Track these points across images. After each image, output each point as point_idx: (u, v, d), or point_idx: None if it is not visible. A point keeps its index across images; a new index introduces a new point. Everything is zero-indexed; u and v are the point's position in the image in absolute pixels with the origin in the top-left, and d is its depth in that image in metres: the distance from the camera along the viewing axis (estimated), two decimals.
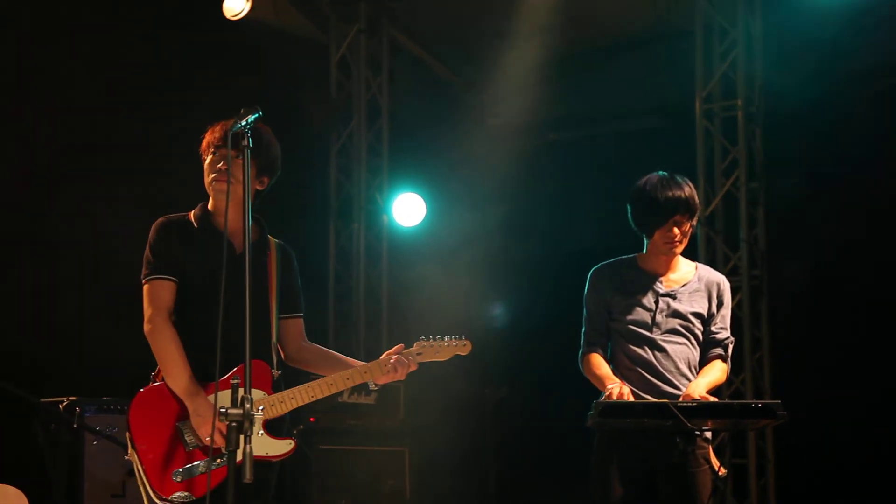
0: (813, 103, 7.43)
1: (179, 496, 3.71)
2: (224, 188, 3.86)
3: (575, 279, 4.84)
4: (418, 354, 4.03)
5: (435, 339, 4.07)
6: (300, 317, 4.14)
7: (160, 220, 3.98)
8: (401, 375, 4.00)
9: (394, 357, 3.98)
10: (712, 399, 4.26)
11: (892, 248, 7.21)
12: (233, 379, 3.35)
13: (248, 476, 3.25)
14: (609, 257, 4.68)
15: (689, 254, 4.68)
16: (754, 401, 4.22)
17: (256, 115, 3.58)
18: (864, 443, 7.17)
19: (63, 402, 5.40)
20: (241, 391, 3.32)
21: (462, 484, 8.13)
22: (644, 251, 4.56)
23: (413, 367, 4.01)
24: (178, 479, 3.72)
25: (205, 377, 3.80)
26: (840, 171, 7.43)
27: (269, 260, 3.99)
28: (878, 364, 7.20)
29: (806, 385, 7.19)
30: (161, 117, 6.71)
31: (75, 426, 5.10)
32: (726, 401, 4.35)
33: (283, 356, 4.10)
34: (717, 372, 4.45)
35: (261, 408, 3.76)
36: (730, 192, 7.74)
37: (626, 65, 8.19)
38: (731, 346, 4.54)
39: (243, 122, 3.55)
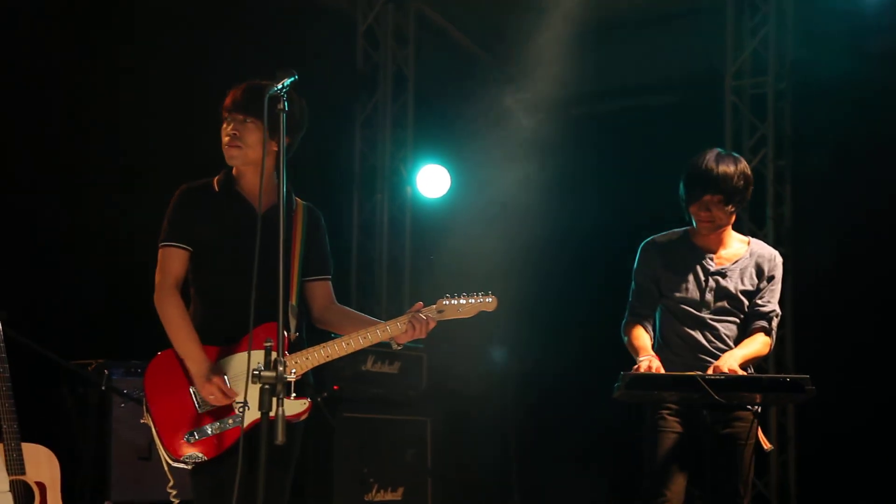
0: (842, 81, 7.38)
1: (191, 457, 3.73)
2: (235, 154, 3.86)
3: (601, 252, 4.82)
4: (439, 312, 3.89)
5: (458, 296, 3.92)
6: (327, 279, 4.09)
7: (182, 186, 3.98)
8: (420, 333, 3.86)
9: (410, 315, 3.88)
10: (741, 372, 4.24)
11: None
12: (266, 341, 3.34)
13: (280, 438, 3.24)
14: (636, 232, 4.64)
15: None
16: (783, 375, 4.16)
17: (293, 78, 3.55)
18: (886, 421, 7.15)
19: (91, 364, 5.43)
20: (274, 353, 3.34)
21: (484, 454, 8.17)
22: (694, 224, 4.48)
23: (432, 325, 3.87)
24: (191, 441, 3.74)
25: (223, 341, 3.81)
26: (868, 149, 7.40)
27: (294, 221, 3.95)
28: None
29: (829, 362, 7.17)
30: (186, 85, 6.69)
31: (103, 389, 5.12)
32: (755, 374, 4.34)
33: (311, 318, 4.08)
34: (757, 344, 4.40)
35: (293, 371, 3.76)
36: (757, 168, 7.70)
37: (655, 39, 8.15)
38: (775, 321, 4.49)
39: (279, 86, 3.52)
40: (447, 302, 3.92)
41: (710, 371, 4.24)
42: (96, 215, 6.24)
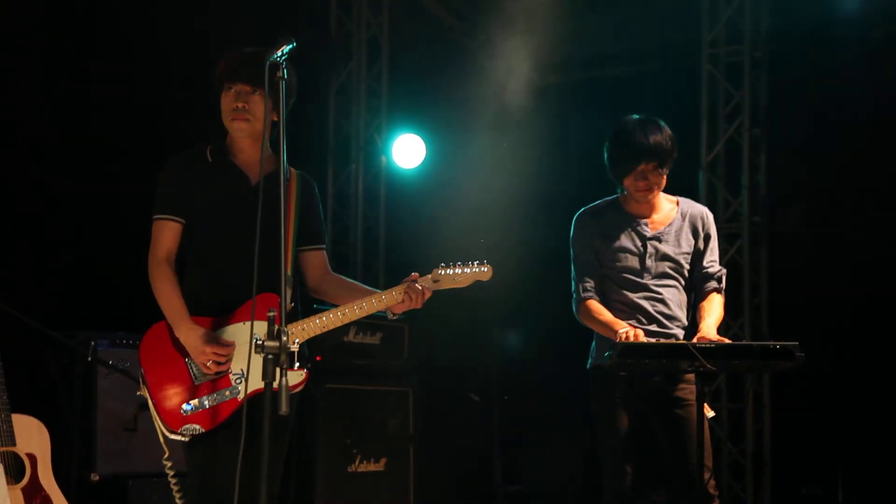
0: (818, 50, 7.42)
1: (188, 429, 3.70)
2: (243, 126, 3.83)
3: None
4: (435, 282, 3.89)
5: (454, 266, 3.92)
6: (321, 248, 4.09)
7: (173, 157, 3.94)
8: (416, 303, 3.85)
9: (405, 285, 3.87)
10: (727, 341, 4.27)
11: (895, 195, 7.25)
12: (269, 311, 3.32)
13: (283, 408, 3.23)
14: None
15: (690, 198, 4.67)
16: (774, 342, 4.21)
17: (291, 45, 3.53)
18: (861, 387, 7.25)
19: (77, 335, 5.38)
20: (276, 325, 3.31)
21: (466, 423, 8.18)
22: (625, 192, 4.53)
23: (428, 295, 3.87)
24: (188, 413, 3.71)
25: (218, 312, 3.79)
26: (844, 117, 7.44)
27: (289, 191, 3.92)
28: (876, 312, 7.26)
29: (804, 331, 7.21)
30: (160, 52, 6.61)
31: (89, 360, 5.09)
32: (746, 342, 4.37)
33: (306, 288, 4.07)
34: (718, 307, 4.49)
35: (297, 340, 3.74)
36: (732, 137, 7.75)
37: (630, 7, 8.13)
38: (724, 278, 4.55)
39: (279, 54, 3.50)
40: (442, 272, 3.91)
41: (697, 340, 4.27)
42: (83, 184, 6.17)
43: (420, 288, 3.86)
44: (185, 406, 3.72)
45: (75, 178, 6.15)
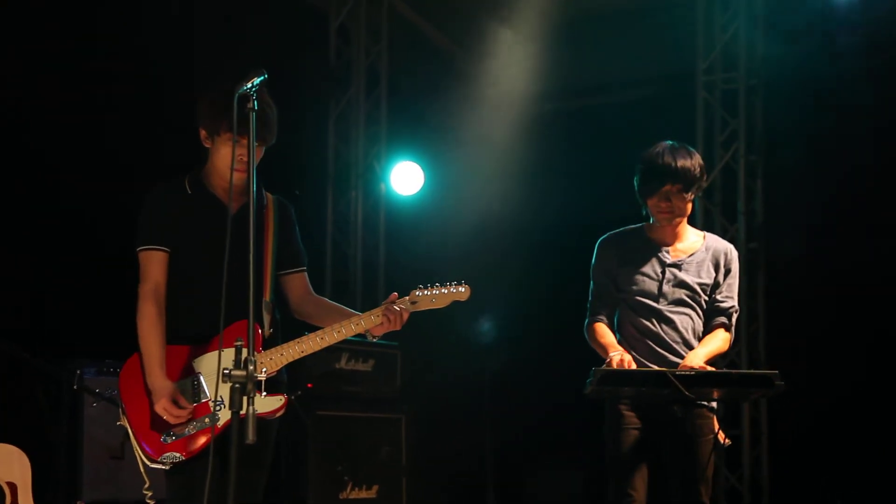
0: (813, 77, 7.43)
1: (169, 457, 3.72)
2: (244, 176, 3.75)
3: (573, 249, 4.84)
4: (413, 303, 3.90)
5: (431, 287, 3.93)
6: (302, 271, 4.10)
7: (154, 187, 3.96)
8: (395, 325, 3.87)
9: (383, 307, 3.88)
10: (710, 368, 4.27)
11: (891, 223, 7.22)
12: (236, 341, 3.33)
13: (250, 437, 3.24)
14: (607, 227, 4.65)
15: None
16: (752, 370, 4.20)
17: (262, 77, 3.53)
18: (859, 413, 7.21)
19: (63, 363, 5.40)
20: (244, 352, 3.33)
21: (458, 451, 8.17)
22: (651, 220, 4.52)
23: (406, 316, 3.87)
24: (168, 441, 3.73)
25: (197, 340, 3.82)
26: (838, 143, 7.44)
27: (265, 217, 3.95)
28: (875, 340, 7.23)
29: (801, 356, 7.23)
30: (158, 83, 6.67)
31: (75, 388, 5.11)
32: (724, 370, 4.35)
33: (289, 310, 4.08)
34: (718, 341, 4.45)
35: (264, 369, 3.75)
36: (728, 164, 7.75)
37: (626, 34, 8.15)
38: (735, 316, 4.52)
39: (249, 85, 3.51)
40: (420, 293, 3.92)
41: (679, 368, 4.25)
42: (67, 212, 6.21)
43: (398, 310, 3.87)
44: (164, 435, 3.74)
45: (66, 202, 6.19)
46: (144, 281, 3.87)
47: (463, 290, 3.95)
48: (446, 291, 3.93)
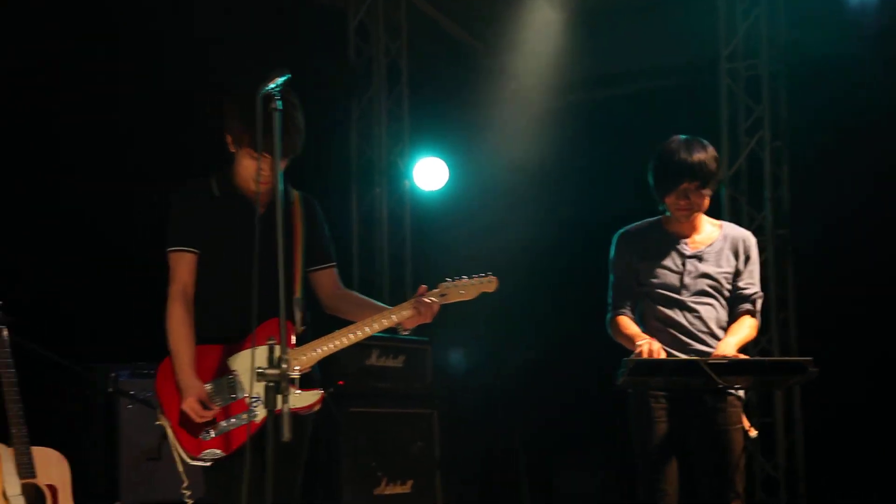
0: (837, 61, 7.38)
1: (209, 454, 3.78)
2: (265, 189, 3.83)
3: (601, 241, 4.84)
4: (442, 296, 3.94)
5: (459, 279, 3.98)
6: (331, 266, 4.13)
7: (182, 188, 4.00)
8: (426, 318, 3.91)
9: (413, 300, 3.92)
10: (743, 357, 4.26)
11: None
12: (269, 339, 3.36)
13: (286, 435, 3.27)
14: (633, 219, 4.65)
15: (713, 213, 4.64)
16: (784, 358, 4.19)
17: (285, 77, 3.55)
18: (892, 400, 7.17)
19: (97, 366, 5.45)
20: (277, 350, 3.35)
21: (491, 444, 8.19)
22: (667, 213, 4.53)
23: (436, 308, 3.91)
24: (207, 438, 3.78)
25: (229, 339, 3.87)
26: (864, 127, 7.38)
27: (293, 214, 3.98)
28: None
29: (832, 343, 7.18)
30: (175, 80, 6.70)
31: (110, 391, 5.16)
32: (757, 358, 4.35)
33: (320, 305, 4.12)
34: (746, 329, 4.44)
35: (297, 367, 3.77)
36: (754, 151, 7.71)
37: (647, 24, 8.14)
38: (759, 302, 4.51)
39: (273, 85, 3.52)
40: (448, 285, 3.97)
41: (712, 357, 4.24)
42: (101, 216, 6.26)
43: (429, 302, 3.90)
44: (203, 432, 3.79)
45: (94, 207, 6.24)
46: (173, 282, 3.92)
47: (491, 281, 4.00)
48: (475, 283, 3.98)
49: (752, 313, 4.48)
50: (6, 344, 4.41)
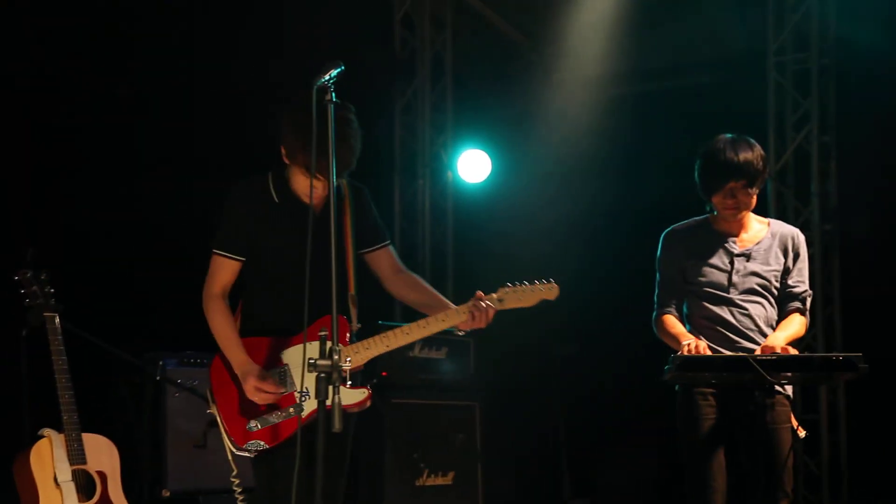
0: (887, 55, 7.29)
1: (253, 444, 3.80)
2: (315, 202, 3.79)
3: (644, 235, 4.82)
4: (499, 301, 3.89)
5: (519, 284, 3.93)
6: (385, 245, 4.11)
7: (238, 187, 3.97)
8: (480, 322, 3.87)
9: (471, 304, 3.87)
10: (793, 351, 4.22)
11: None
12: (321, 331, 3.37)
13: (336, 426, 3.26)
14: (679, 213, 4.63)
15: (760, 208, 4.59)
16: (835, 353, 4.15)
17: (339, 69, 3.53)
18: None
19: (145, 355, 5.50)
20: (328, 343, 3.35)
21: (532, 437, 8.18)
22: (714, 212, 4.50)
23: (492, 313, 3.87)
24: (254, 429, 3.80)
25: (282, 333, 3.88)
26: None
27: (344, 209, 3.96)
28: None
29: (879, 339, 7.10)
30: (226, 70, 6.73)
31: (158, 379, 5.19)
32: (806, 354, 4.33)
33: (384, 286, 4.13)
34: (796, 325, 4.41)
35: (348, 358, 3.77)
36: (801, 145, 7.65)
37: (695, 17, 8.07)
38: (809, 300, 4.48)
39: (327, 77, 3.51)
40: (507, 290, 3.92)
41: (758, 352, 4.22)
42: (151, 206, 6.30)
43: (485, 306, 3.87)
44: (250, 423, 3.81)
45: (144, 199, 6.29)
46: (212, 283, 3.94)
47: (552, 288, 3.95)
48: (535, 289, 3.93)
49: (801, 311, 4.45)
50: (58, 332, 4.46)
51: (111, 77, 6.32)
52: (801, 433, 4.36)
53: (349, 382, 3.68)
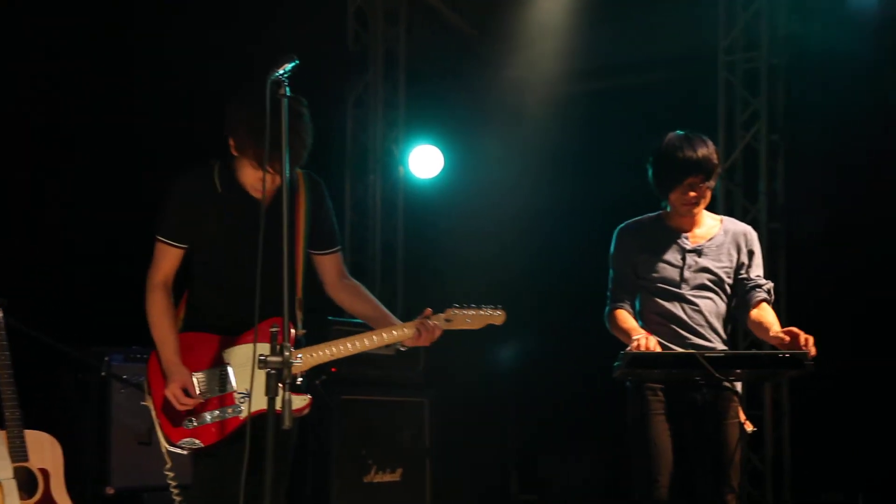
0: (836, 55, 7.36)
1: (187, 442, 3.77)
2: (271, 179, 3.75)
3: (597, 232, 4.84)
4: (447, 321, 3.96)
5: (468, 308, 3.99)
6: (336, 251, 4.09)
7: (181, 178, 3.91)
8: (425, 341, 3.93)
9: (418, 321, 3.92)
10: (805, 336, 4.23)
11: None
12: (272, 327, 3.34)
13: (287, 422, 3.24)
14: (629, 211, 4.66)
15: (708, 206, 4.61)
16: (781, 351, 4.21)
17: (294, 63, 3.49)
18: (881, 395, 7.18)
19: (90, 350, 5.41)
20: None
21: (482, 434, 8.17)
22: (668, 209, 4.54)
23: (438, 333, 3.94)
24: (189, 427, 3.77)
25: (227, 331, 3.84)
26: (862, 122, 7.36)
27: (297, 200, 3.92)
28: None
29: (823, 338, 7.16)
30: (172, 68, 6.65)
31: (103, 375, 5.12)
32: (753, 351, 4.38)
33: (324, 291, 4.11)
34: (773, 316, 4.46)
35: (299, 356, 3.75)
36: (750, 144, 7.70)
37: (646, 15, 8.10)
38: (772, 290, 4.54)
39: (281, 71, 3.46)
40: (455, 312, 3.98)
41: (784, 338, 4.23)
42: (95, 201, 6.21)
43: (433, 325, 3.92)
44: (185, 421, 3.78)
45: (87, 190, 6.19)
46: (155, 271, 3.88)
47: (499, 313, 4.03)
48: (483, 314, 4.01)
49: (769, 302, 4.51)
50: (1, 326, 4.37)
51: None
52: (749, 428, 4.39)
53: (300, 380, 3.69)
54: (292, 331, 3.82)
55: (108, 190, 6.25)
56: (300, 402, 3.78)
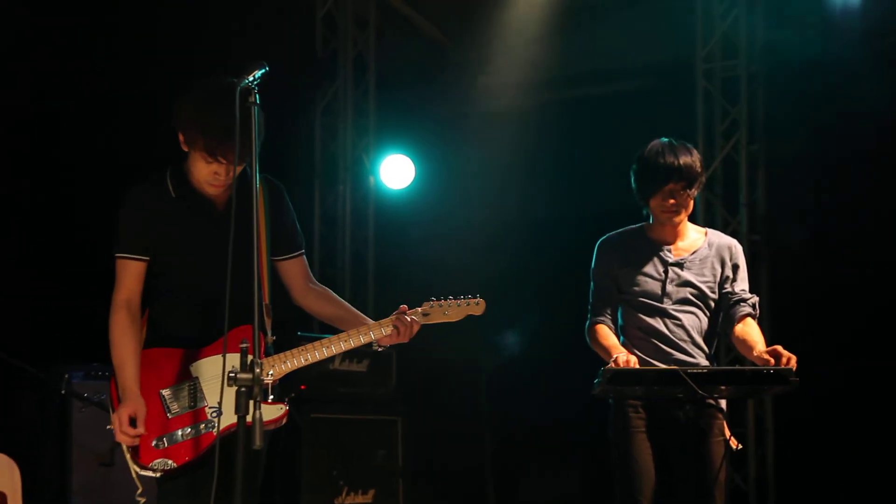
0: (816, 63, 7.32)
1: (159, 464, 3.59)
2: (219, 191, 3.69)
3: (570, 242, 4.77)
4: (424, 315, 3.85)
5: (444, 299, 3.89)
6: (299, 255, 3.97)
7: (134, 189, 3.77)
8: (404, 337, 3.81)
9: (394, 318, 3.80)
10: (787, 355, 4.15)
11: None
12: (241, 343, 3.18)
13: (257, 442, 3.10)
14: (604, 220, 4.64)
15: (689, 218, 4.56)
16: (765, 367, 4.12)
17: (263, 69, 3.38)
18: (866, 411, 7.10)
19: (50, 367, 5.26)
20: (250, 356, 3.17)
21: (456, 453, 8.05)
22: (651, 220, 4.49)
23: (416, 328, 3.82)
24: (160, 447, 3.60)
25: (191, 344, 3.70)
26: (842, 132, 7.31)
27: (256, 205, 3.71)
28: (881, 331, 7.11)
29: (806, 352, 7.06)
30: (139, 73, 6.51)
31: (63, 393, 4.98)
32: (737, 367, 4.33)
33: (291, 298, 3.99)
34: (759, 333, 4.38)
35: (270, 372, 3.63)
36: (729, 154, 7.62)
37: (623, 23, 8.03)
38: (757, 306, 4.47)
39: (251, 78, 3.35)
40: (432, 305, 3.88)
41: (769, 360, 4.15)
42: (56, 215, 6.07)
43: (409, 321, 3.81)
44: (155, 441, 3.60)
45: (48, 204, 6.06)
46: (118, 290, 3.72)
47: (478, 303, 3.92)
48: (460, 305, 3.90)
49: (754, 317, 4.46)
50: None
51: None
52: (735, 445, 4.33)
53: (271, 397, 3.56)
54: (263, 338, 3.68)
55: (74, 205, 6.11)
56: (276, 411, 3.65)
